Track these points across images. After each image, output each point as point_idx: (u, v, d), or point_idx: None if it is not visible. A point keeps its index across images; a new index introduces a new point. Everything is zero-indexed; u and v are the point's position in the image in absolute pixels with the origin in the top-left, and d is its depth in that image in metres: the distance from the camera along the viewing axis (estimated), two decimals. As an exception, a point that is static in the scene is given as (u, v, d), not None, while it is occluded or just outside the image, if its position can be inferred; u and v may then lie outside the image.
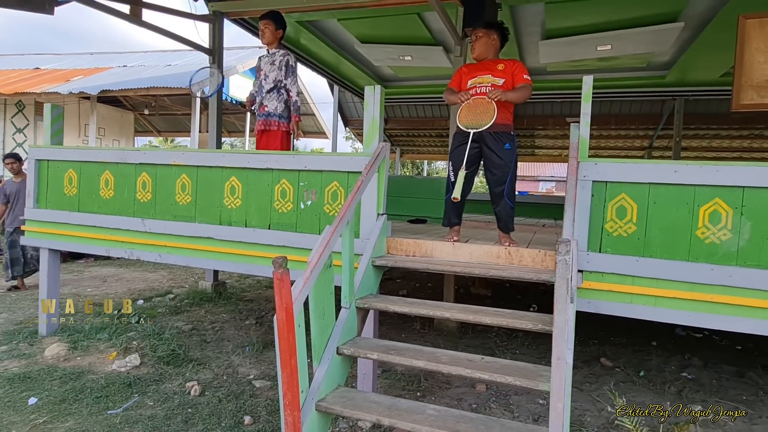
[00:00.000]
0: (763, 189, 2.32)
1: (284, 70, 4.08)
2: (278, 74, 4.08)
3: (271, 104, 4.09)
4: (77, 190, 3.98)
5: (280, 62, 4.09)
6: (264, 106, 4.11)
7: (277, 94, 4.09)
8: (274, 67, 4.10)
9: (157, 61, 12.34)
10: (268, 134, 4.13)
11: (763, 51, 3.91)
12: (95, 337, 4.03)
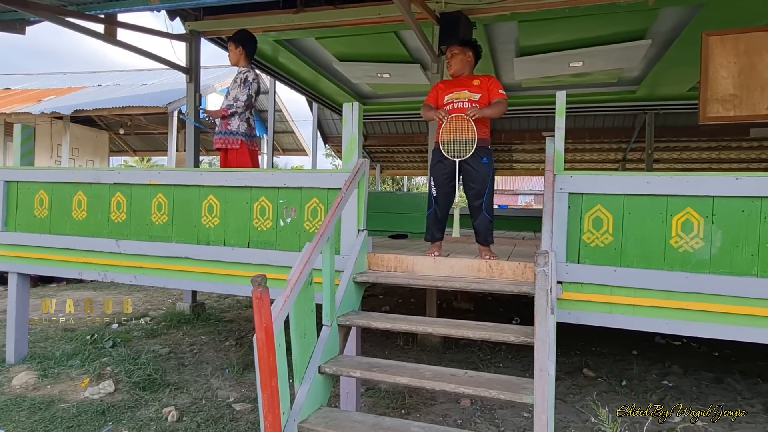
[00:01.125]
0: (731, 198, 2.39)
1: (241, 86, 4.11)
2: (237, 91, 4.10)
3: (234, 122, 4.09)
4: (48, 211, 3.87)
5: (240, 79, 4.14)
6: (227, 124, 4.11)
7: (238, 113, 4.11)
8: (235, 85, 4.14)
9: (133, 80, 12.22)
10: (234, 153, 4.11)
11: (725, 66, 4.08)
12: (67, 364, 3.88)
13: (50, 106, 10.18)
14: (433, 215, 3.24)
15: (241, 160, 4.08)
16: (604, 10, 4.63)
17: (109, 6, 4.48)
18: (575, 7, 4.46)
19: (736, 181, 2.37)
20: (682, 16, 5.02)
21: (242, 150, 4.09)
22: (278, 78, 7.65)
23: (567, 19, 5.00)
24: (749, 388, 3.76)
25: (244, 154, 4.09)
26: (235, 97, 4.09)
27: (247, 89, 4.09)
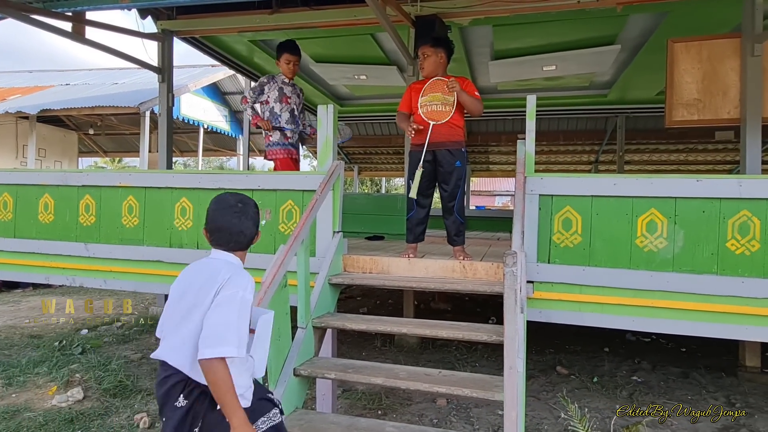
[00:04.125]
0: (693, 199, 2.49)
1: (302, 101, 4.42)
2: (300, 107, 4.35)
3: (295, 135, 4.30)
4: (13, 215, 3.75)
5: (300, 95, 4.38)
6: (288, 138, 4.24)
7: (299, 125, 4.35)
8: (300, 100, 4.36)
9: (103, 80, 11.92)
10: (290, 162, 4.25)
11: (690, 72, 4.23)
12: (33, 372, 3.76)
13: (15, 105, 9.84)
14: (413, 218, 3.26)
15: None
16: (575, 15, 4.74)
17: (76, 3, 4.36)
18: (547, 13, 4.56)
19: (697, 182, 2.47)
20: (649, 22, 5.18)
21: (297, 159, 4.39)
22: (254, 78, 7.57)
23: (540, 24, 5.10)
24: (713, 382, 3.91)
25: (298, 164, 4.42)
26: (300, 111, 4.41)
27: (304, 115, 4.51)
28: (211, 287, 1.53)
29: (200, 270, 1.62)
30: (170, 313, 1.60)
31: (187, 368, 1.50)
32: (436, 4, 4.59)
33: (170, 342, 1.56)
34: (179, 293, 1.61)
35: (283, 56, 4.17)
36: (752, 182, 2.45)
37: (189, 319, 1.52)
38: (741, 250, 2.44)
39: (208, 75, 10.99)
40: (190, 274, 1.64)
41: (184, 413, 1.50)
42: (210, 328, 1.45)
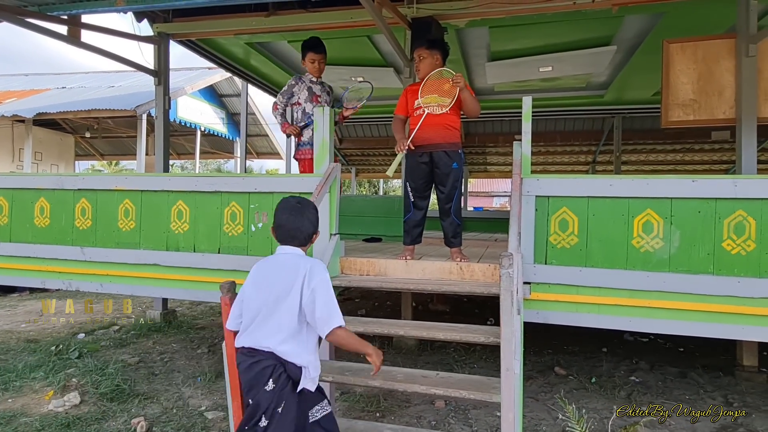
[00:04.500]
0: (688, 199, 2.49)
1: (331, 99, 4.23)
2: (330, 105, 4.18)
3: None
4: (8, 219, 3.74)
5: (329, 93, 4.21)
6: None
7: None
8: (330, 98, 4.20)
9: (100, 83, 11.91)
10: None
11: (685, 72, 4.25)
12: (29, 376, 3.74)
13: (11, 108, 9.83)
14: (410, 220, 3.26)
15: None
16: (571, 17, 4.75)
17: (72, 7, 4.35)
18: (543, 14, 4.57)
19: (693, 183, 2.48)
20: (644, 23, 5.20)
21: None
22: (251, 81, 7.58)
23: (536, 25, 5.12)
24: (711, 382, 3.91)
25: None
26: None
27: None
28: (295, 279, 1.79)
29: (279, 266, 1.89)
30: (255, 307, 1.82)
31: (280, 350, 1.76)
32: (432, 6, 4.60)
33: (262, 330, 1.78)
34: (263, 288, 1.84)
35: (308, 56, 4.05)
36: (747, 182, 2.46)
37: (280, 309, 1.78)
38: (737, 250, 2.45)
39: (204, 77, 11.00)
40: (269, 271, 1.88)
41: (271, 395, 1.73)
42: (321, 310, 1.76)
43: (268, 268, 1.91)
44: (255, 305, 1.84)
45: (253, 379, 1.76)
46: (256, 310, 1.82)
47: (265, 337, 1.77)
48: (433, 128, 3.11)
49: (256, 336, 1.79)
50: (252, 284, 1.90)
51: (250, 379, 1.77)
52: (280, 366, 1.76)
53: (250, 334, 1.80)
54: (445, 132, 3.12)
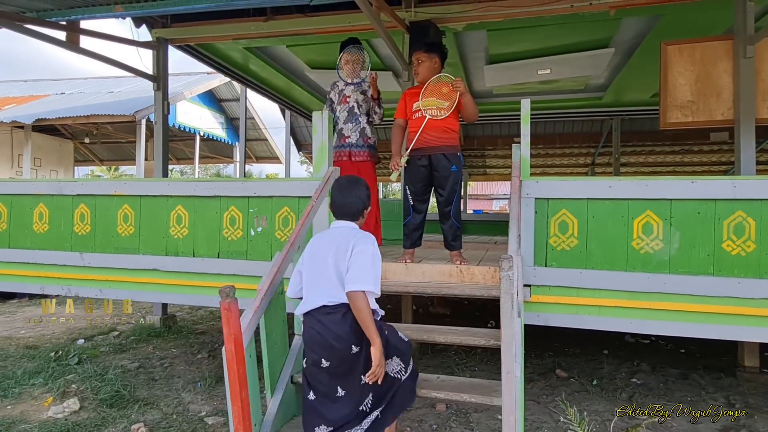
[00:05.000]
0: (688, 201, 2.49)
1: (371, 102, 4.04)
2: (368, 106, 4.03)
3: (373, 136, 4.03)
4: (7, 225, 3.73)
5: (369, 95, 4.04)
6: (368, 138, 3.97)
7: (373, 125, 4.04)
8: (366, 98, 4.04)
9: (98, 88, 11.92)
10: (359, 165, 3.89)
11: (683, 74, 4.25)
12: (29, 383, 3.72)
13: (10, 114, 9.84)
14: (410, 223, 3.26)
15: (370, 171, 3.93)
16: (569, 20, 4.77)
17: (71, 13, 4.36)
18: (541, 17, 4.58)
19: (692, 184, 2.48)
20: (642, 26, 5.21)
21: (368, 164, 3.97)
22: (249, 86, 7.59)
23: (534, 28, 5.13)
24: (713, 383, 3.90)
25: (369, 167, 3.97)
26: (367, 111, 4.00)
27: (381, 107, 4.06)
28: (347, 247, 2.03)
29: (333, 237, 2.13)
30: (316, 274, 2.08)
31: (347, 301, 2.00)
32: (430, 10, 4.62)
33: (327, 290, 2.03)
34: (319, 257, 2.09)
35: (342, 57, 4.05)
36: (746, 183, 2.46)
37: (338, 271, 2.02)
38: (737, 251, 2.45)
39: (203, 82, 11.02)
40: (325, 242, 2.13)
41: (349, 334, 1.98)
42: (353, 271, 1.98)
43: (324, 239, 2.16)
44: (315, 272, 2.09)
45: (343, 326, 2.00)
46: (318, 276, 2.07)
47: (332, 296, 2.03)
48: (431, 131, 3.11)
49: (321, 295, 2.04)
50: (309, 256, 2.14)
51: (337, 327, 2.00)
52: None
53: (314, 297, 2.05)
54: (444, 135, 3.12)
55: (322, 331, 2.01)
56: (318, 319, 2.03)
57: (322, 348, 2.02)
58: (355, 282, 1.95)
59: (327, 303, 2.02)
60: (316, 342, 2.03)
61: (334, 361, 2.01)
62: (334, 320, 2.00)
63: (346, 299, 1.98)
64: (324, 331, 2.01)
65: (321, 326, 2.02)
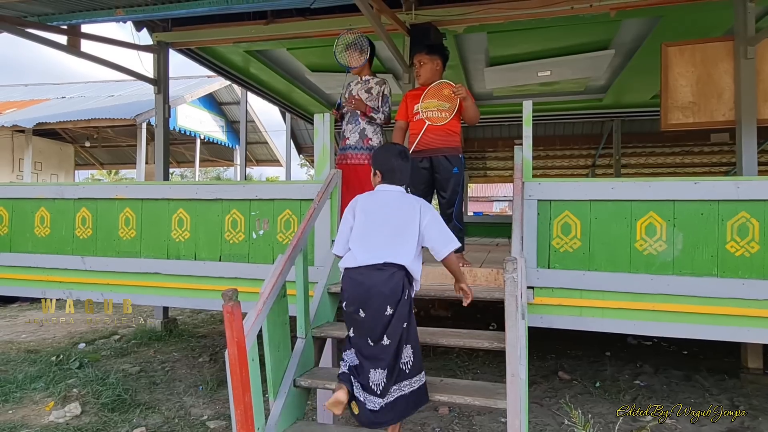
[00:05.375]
0: (691, 202, 2.48)
1: (380, 101, 3.69)
2: (373, 104, 3.69)
3: (375, 138, 3.70)
4: (8, 229, 3.73)
5: (377, 92, 3.71)
6: (368, 139, 3.68)
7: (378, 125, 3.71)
8: (371, 96, 3.71)
9: (99, 92, 11.94)
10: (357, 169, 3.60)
11: (684, 75, 4.25)
12: (30, 387, 3.72)
13: (11, 119, 9.85)
14: None
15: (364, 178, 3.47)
16: (569, 21, 4.77)
17: (72, 17, 4.37)
18: (541, 19, 4.59)
19: (695, 185, 2.47)
20: (642, 27, 5.21)
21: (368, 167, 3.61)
22: (250, 89, 7.59)
23: (534, 30, 5.13)
24: (716, 385, 3.89)
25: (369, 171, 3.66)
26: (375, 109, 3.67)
27: (387, 106, 3.71)
28: (412, 211, 2.18)
29: (387, 199, 2.24)
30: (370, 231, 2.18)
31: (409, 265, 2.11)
32: (430, 12, 4.62)
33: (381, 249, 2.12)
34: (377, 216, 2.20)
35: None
36: (750, 184, 2.45)
37: (404, 234, 2.15)
38: (741, 252, 2.44)
39: (204, 86, 11.03)
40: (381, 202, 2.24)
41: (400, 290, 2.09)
42: (440, 237, 2.18)
43: (378, 200, 2.26)
44: (369, 230, 2.18)
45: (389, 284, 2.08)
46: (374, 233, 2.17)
47: (395, 255, 2.10)
48: (433, 133, 3.11)
49: (382, 254, 2.11)
50: (362, 212, 2.22)
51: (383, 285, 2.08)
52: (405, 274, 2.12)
53: (374, 253, 2.12)
54: (446, 137, 3.12)
55: (366, 285, 2.10)
56: (364, 274, 2.12)
57: (360, 301, 2.11)
58: (446, 245, 2.18)
59: (377, 262, 2.10)
60: (357, 295, 2.12)
61: (369, 316, 2.10)
62: (381, 278, 2.08)
63: (398, 260, 2.10)
64: (368, 287, 2.10)
65: (367, 281, 2.10)
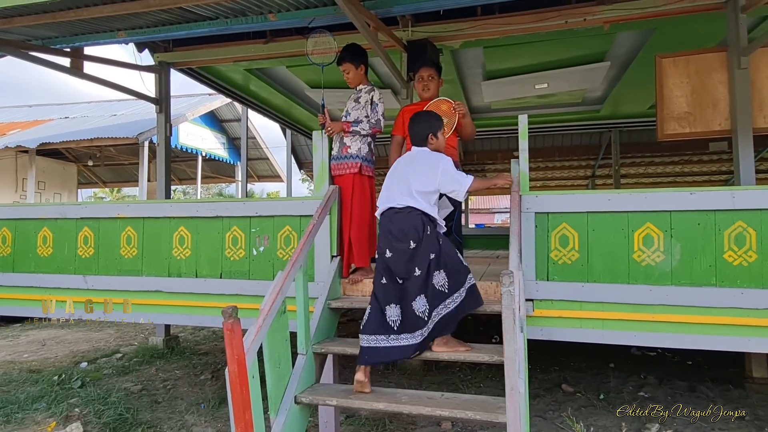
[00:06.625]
0: (687, 212, 2.50)
1: (368, 108, 3.51)
2: (360, 113, 3.50)
3: (354, 145, 3.43)
4: (11, 249, 3.76)
5: (365, 101, 3.52)
6: (346, 147, 3.43)
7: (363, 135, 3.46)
8: (359, 105, 3.53)
9: (102, 111, 12.07)
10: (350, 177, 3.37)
11: (679, 86, 4.29)
12: (31, 408, 3.70)
13: (15, 139, 9.95)
14: None
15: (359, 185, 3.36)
16: (564, 35, 4.83)
17: (75, 40, 4.45)
18: (536, 33, 4.65)
19: (691, 195, 2.49)
20: (636, 39, 5.28)
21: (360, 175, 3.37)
22: (250, 106, 7.68)
23: (530, 44, 5.20)
24: (721, 395, 3.85)
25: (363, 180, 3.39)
26: (357, 119, 3.48)
27: (375, 112, 3.50)
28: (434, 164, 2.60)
29: (411, 158, 2.73)
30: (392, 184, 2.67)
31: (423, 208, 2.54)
32: (426, 29, 4.69)
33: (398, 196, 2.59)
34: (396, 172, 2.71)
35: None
36: (745, 193, 2.46)
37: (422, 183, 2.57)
38: (738, 261, 2.44)
39: (205, 103, 11.14)
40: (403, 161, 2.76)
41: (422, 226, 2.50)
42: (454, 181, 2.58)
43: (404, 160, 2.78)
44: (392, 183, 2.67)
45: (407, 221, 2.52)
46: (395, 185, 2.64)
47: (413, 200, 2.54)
48: None
49: (402, 200, 2.56)
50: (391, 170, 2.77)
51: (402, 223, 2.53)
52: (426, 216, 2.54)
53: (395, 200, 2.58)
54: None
55: (388, 227, 2.56)
56: (387, 216, 2.59)
57: (386, 241, 2.54)
58: (462, 185, 2.57)
59: (395, 205, 2.56)
60: (383, 235, 2.57)
61: (394, 254, 2.51)
62: (400, 217, 2.53)
63: (411, 203, 2.53)
64: (390, 227, 2.55)
65: (389, 223, 2.56)
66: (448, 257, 2.49)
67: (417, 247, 2.45)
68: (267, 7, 3.92)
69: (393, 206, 2.57)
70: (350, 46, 3.62)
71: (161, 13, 3.91)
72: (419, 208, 2.52)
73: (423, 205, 2.53)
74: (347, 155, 3.39)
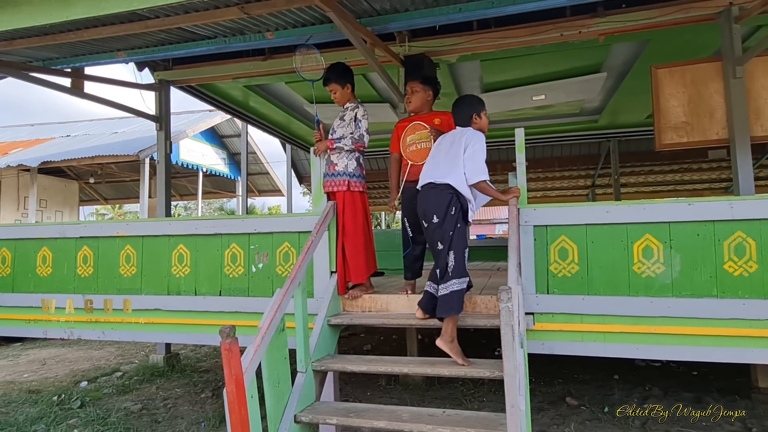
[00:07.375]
0: (686, 223, 2.49)
1: (353, 125, 3.53)
2: (345, 131, 3.52)
3: (341, 162, 3.45)
4: (11, 269, 3.76)
5: (350, 118, 3.55)
6: (333, 165, 3.45)
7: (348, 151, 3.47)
8: (344, 123, 3.56)
9: (103, 129, 12.16)
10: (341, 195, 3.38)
11: (675, 96, 4.32)
12: (30, 430, 3.67)
13: (17, 158, 10.02)
14: (410, 255, 3.26)
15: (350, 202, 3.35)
16: (560, 47, 4.87)
17: (75, 60, 4.50)
18: (532, 46, 4.69)
19: (689, 206, 2.48)
20: (632, 50, 5.32)
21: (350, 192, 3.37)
22: (250, 121, 7.73)
23: (526, 56, 5.24)
24: (727, 406, 3.79)
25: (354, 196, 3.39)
26: (341, 136, 3.50)
27: (359, 128, 3.52)
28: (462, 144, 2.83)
29: (453, 135, 2.96)
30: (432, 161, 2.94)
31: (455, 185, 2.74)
32: (423, 44, 4.73)
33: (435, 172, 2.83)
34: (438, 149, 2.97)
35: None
36: (743, 203, 2.46)
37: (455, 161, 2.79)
38: (739, 272, 2.43)
39: (205, 120, 11.23)
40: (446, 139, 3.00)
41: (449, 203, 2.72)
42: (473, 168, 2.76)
43: (448, 136, 3.01)
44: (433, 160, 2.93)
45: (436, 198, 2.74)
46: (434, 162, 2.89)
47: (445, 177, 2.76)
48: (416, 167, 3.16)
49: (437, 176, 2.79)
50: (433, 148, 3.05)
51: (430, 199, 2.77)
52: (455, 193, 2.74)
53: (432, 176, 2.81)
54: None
55: (423, 200, 2.80)
56: (424, 190, 2.82)
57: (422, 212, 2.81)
58: (474, 176, 2.74)
59: (431, 181, 2.78)
60: (421, 207, 2.83)
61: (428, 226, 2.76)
62: (433, 193, 2.75)
63: (448, 180, 2.73)
64: (424, 201, 2.80)
65: (424, 197, 2.81)
66: (459, 241, 2.68)
67: (440, 222, 2.68)
68: (265, 26, 3.97)
69: (432, 182, 2.78)
70: (335, 66, 3.61)
71: (160, 33, 3.96)
72: (454, 185, 2.71)
73: (455, 183, 2.72)
74: (334, 173, 3.40)
